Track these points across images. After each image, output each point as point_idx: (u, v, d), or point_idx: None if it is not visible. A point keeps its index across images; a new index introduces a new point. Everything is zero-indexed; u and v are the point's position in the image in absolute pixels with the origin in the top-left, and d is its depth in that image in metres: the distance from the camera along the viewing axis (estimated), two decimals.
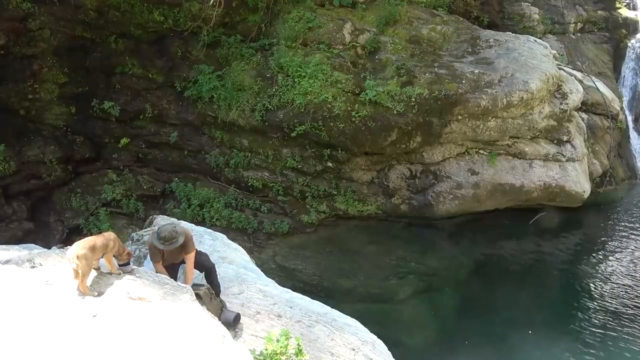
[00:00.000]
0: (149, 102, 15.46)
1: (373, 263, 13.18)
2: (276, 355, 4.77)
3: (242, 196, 14.91)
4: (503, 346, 10.08)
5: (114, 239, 5.67)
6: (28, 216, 14.32)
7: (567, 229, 14.91)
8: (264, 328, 6.11)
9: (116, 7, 14.67)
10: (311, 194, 14.64)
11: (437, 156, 14.78)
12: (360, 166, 14.81)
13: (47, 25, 14.47)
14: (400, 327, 10.75)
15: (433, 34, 15.66)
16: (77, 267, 5.13)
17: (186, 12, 14.93)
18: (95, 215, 14.62)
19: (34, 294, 4.94)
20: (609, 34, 20.24)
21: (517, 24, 18.82)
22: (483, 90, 14.03)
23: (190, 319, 4.93)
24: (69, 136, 15.38)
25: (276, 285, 7.68)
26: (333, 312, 7.01)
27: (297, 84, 14.12)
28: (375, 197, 14.81)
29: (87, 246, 5.28)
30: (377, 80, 14.30)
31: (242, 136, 14.92)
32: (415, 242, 14.16)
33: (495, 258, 13.58)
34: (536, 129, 14.86)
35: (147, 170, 15.72)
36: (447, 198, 14.59)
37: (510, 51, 15.19)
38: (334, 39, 15.07)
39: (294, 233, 14.40)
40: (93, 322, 4.65)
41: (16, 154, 14.41)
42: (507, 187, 14.71)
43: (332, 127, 13.81)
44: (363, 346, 6.32)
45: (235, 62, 15.08)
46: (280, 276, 11.60)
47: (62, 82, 15.02)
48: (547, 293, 12.27)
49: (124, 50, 15.29)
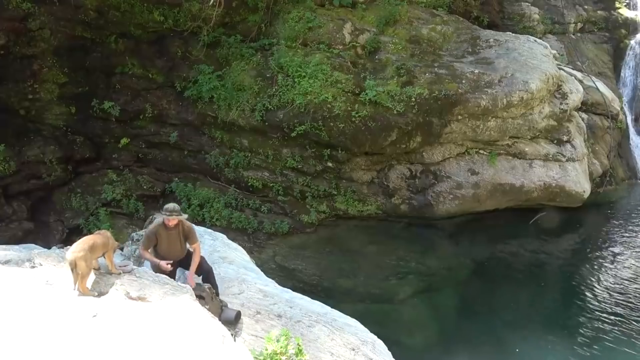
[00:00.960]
0: (149, 102, 15.46)
1: (373, 263, 13.16)
2: (276, 355, 4.77)
3: (242, 196, 14.91)
4: (503, 346, 10.07)
5: (110, 236, 5.72)
6: (28, 216, 14.31)
7: (567, 229, 14.91)
8: (264, 328, 6.11)
9: (116, 7, 14.68)
10: (311, 194, 14.64)
11: (437, 156, 14.78)
12: (360, 166, 14.81)
13: (47, 25, 14.48)
14: (400, 327, 10.74)
15: (433, 34, 15.66)
16: (76, 268, 5.13)
17: (186, 12, 14.94)
18: (95, 215, 14.61)
19: (34, 294, 4.94)
20: (609, 34, 20.25)
21: (517, 24, 18.83)
22: (483, 90, 14.03)
23: (190, 319, 4.93)
24: (69, 136, 15.38)
25: (276, 285, 7.69)
26: (333, 312, 7.01)
27: (297, 84, 14.12)
28: (375, 197, 14.81)
29: (86, 247, 5.29)
30: (377, 80, 14.30)
31: (242, 136, 14.92)
32: (415, 242, 14.15)
33: (495, 258, 13.57)
34: (536, 129, 14.86)
35: (147, 170, 15.72)
36: (447, 198, 14.59)
37: (510, 51, 15.19)
38: (334, 39, 15.07)
39: (294, 233, 14.39)
40: (93, 322, 4.65)
41: (16, 154, 14.41)
42: (507, 187, 14.71)
43: (332, 127, 13.81)
44: (363, 346, 6.32)
45: (235, 62, 15.09)
46: (280, 276, 11.58)
47: (62, 82, 15.03)
48: (547, 293, 12.26)
49: (124, 50, 15.30)
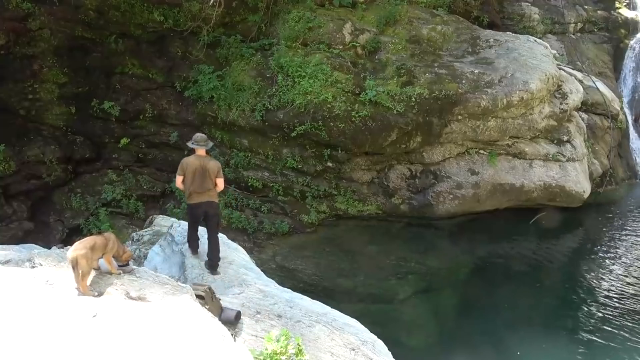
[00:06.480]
0: (149, 102, 15.47)
1: (373, 263, 13.16)
2: (276, 355, 4.77)
3: (242, 196, 14.91)
4: (503, 346, 10.07)
5: (113, 239, 5.68)
6: (28, 216, 14.31)
7: (567, 229, 14.91)
8: (264, 328, 6.10)
9: (116, 7, 14.68)
10: (311, 194, 14.64)
11: (437, 156, 14.78)
12: (360, 166, 14.81)
13: (47, 25, 14.49)
14: (400, 327, 10.73)
15: (433, 34, 15.66)
16: (77, 267, 5.13)
17: (186, 12, 14.94)
18: (95, 215, 14.60)
19: (34, 294, 4.94)
20: (609, 34, 20.25)
21: (517, 24, 18.83)
22: (483, 90, 14.03)
23: (190, 318, 4.93)
24: (69, 136, 15.38)
25: (276, 285, 7.68)
26: (333, 312, 7.01)
27: (297, 84, 14.12)
28: (375, 197, 14.81)
29: (87, 246, 5.29)
30: (377, 80, 14.31)
31: (242, 136, 14.92)
32: (415, 242, 14.14)
33: (495, 258, 13.57)
34: (536, 128, 14.87)
35: (147, 170, 15.71)
36: (447, 198, 14.60)
37: (510, 51, 15.19)
38: (334, 39, 15.07)
39: (294, 233, 14.39)
40: (93, 322, 4.64)
41: (16, 154, 14.40)
42: (507, 187, 14.71)
43: (332, 127, 13.81)
44: (363, 346, 6.31)
45: (235, 62, 15.09)
46: (280, 276, 11.58)
47: (62, 82, 15.03)
48: (547, 293, 12.25)
49: (124, 50, 15.30)
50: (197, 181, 7.53)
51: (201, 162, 7.57)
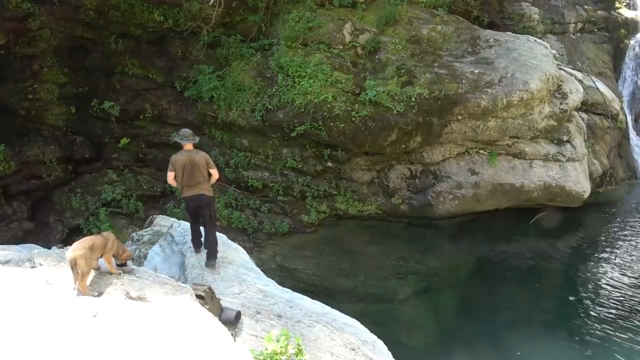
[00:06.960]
0: (149, 102, 15.47)
1: (373, 263, 13.16)
2: (276, 355, 4.77)
3: (242, 196, 14.91)
4: (503, 346, 10.07)
5: (112, 239, 5.68)
6: (28, 216, 14.31)
7: (567, 229, 14.89)
8: (264, 328, 6.10)
9: (116, 7, 14.68)
10: (311, 194, 14.64)
11: (437, 156, 14.78)
12: (360, 166, 14.81)
13: (47, 25, 14.49)
14: (400, 327, 10.73)
15: (433, 34, 15.66)
16: (76, 267, 5.13)
17: (186, 12, 14.94)
18: (95, 215, 14.60)
19: (34, 294, 4.94)
20: (609, 34, 20.25)
21: (517, 24, 18.83)
22: (483, 90, 14.03)
23: (190, 319, 4.93)
24: (69, 136, 15.38)
25: (276, 285, 7.68)
26: (333, 312, 7.00)
27: (297, 84, 14.12)
28: (375, 197, 14.81)
29: (86, 246, 5.29)
30: (377, 80, 14.30)
31: (242, 136, 14.93)
32: (415, 242, 14.14)
33: (495, 258, 13.56)
34: (536, 128, 14.86)
35: (147, 170, 15.71)
36: (447, 198, 14.60)
37: (510, 51, 15.19)
38: (334, 39, 15.07)
39: (294, 233, 14.39)
40: (93, 322, 4.64)
41: (16, 154, 14.40)
42: (507, 187, 14.71)
43: (332, 127, 13.81)
44: (363, 346, 6.31)
45: (235, 62, 15.09)
46: (280, 276, 11.58)
47: (62, 82, 15.03)
48: (547, 293, 12.25)
49: (124, 50, 15.30)
50: (187, 175, 7.79)
51: (189, 156, 7.80)
